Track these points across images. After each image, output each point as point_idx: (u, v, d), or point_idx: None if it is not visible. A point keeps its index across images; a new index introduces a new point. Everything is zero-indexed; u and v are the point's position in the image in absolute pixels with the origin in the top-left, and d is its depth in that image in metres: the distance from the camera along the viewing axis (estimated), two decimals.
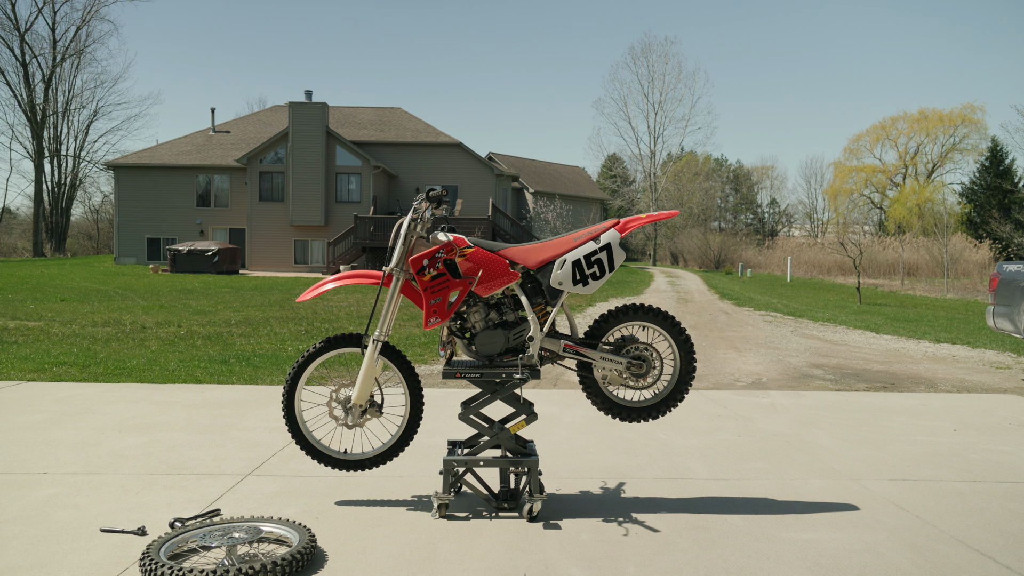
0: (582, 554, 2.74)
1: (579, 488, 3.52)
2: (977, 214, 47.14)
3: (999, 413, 5.52)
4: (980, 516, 3.22)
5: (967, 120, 52.48)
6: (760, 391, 6.36)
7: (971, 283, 28.72)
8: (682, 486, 3.58)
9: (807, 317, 14.41)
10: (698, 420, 5.05)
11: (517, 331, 3.23)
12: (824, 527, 3.05)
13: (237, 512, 3.08)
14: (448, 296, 3.10)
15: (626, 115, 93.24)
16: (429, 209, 3.23)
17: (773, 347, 9.70)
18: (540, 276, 3.22)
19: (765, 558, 2.73)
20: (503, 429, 3.24)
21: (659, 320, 3.30)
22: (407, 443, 3.33)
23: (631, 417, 3.35)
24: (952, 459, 4.16)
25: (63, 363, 7.01)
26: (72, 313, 11.75)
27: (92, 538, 2.78)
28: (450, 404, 5.17)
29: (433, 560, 2.66)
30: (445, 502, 3.12)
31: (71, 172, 48.45)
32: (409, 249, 3.19)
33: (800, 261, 40.28)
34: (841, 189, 57.35)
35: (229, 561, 2.47)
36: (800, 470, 3.89)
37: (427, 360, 7.80)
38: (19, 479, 3.46)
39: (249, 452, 3.99)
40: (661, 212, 3.32)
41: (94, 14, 47.38)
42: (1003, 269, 7.56)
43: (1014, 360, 8.74)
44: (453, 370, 3.24)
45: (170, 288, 18.88)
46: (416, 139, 35.52)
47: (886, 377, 7.39)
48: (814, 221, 68.45)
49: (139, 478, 3.50)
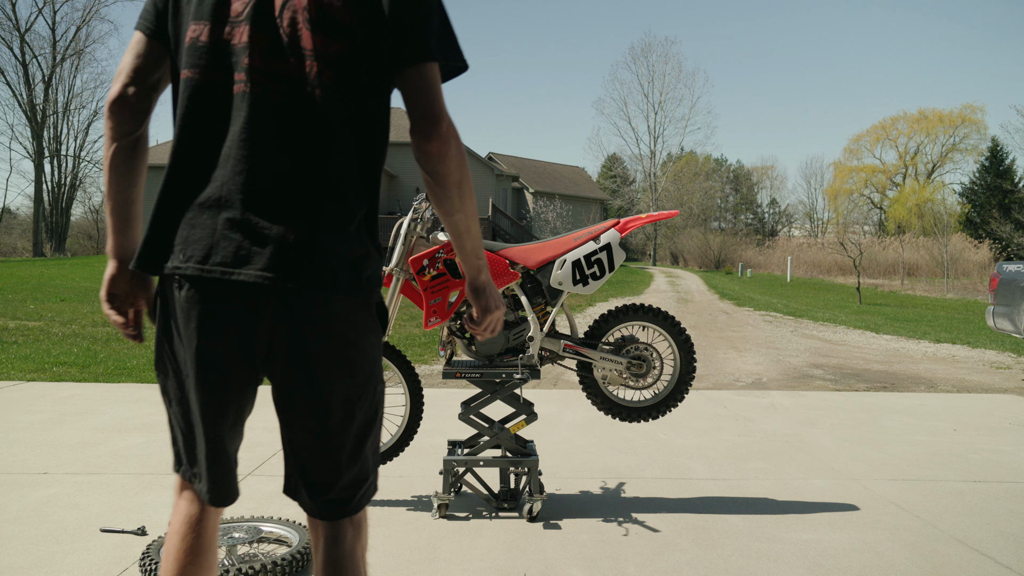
0: (582, 554, 2.74)
1: (579, 488, 3.52)
2: (977, 214, 47.14)
3: (999, 413, 5.52)
4: (980, 516, 3.22)
5: (967, 120, 52.51)
6: (760, 391, 6.36)
7: (971, 283, 28.71)
8: (682, 486, 3.58)
9: (807, 317, 14.41)
10: (698, 420, 5.05)
11: (517, 331, 3.23)
12: (824, 527, 3.05)
13: (237, 512, 3.08)
14: (448, 296, 3.10)
15: (626, 115, 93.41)
16: (429, 209, 3.23)
17: (773, 347, 9.70)
18: (540, 276, 3.22)
19: (765, 558, 2.73)
20: (503, 429, 3.24)
21: (659, 320, 3.30)
22: (407, 443, 3.33)
23: (631, 417, 3.35)
24: (952, 459, 4.16)
25: (63, 363, 7.01)
26: (72, 313, 11.75)
27: (92, 538, 2.78)
28: (450, 404, 5.17)
29: (433, 560, 2.66)
30: (445, 502, 3.12)
31: (71, 172, 48.42)
32: (409, 249, 3.19)
33: (800, 261, 40.28)
34: (841, 189, 57.37)
35: (229, 561, 2.48)
36: (800, 470, 3.89)
37: (427, 360, 7.80)
38: (19, 479, 3.46)
39: (249, 452, 3.99)
40: (661, 212, 3.32)
41: (94, 14, 47.45)
42: (1003, 269, 7.56)
43: (1014, 360, 8.74)
44: (453, 370, 3.24)
45: None
46: None
47: (886, 377, 7.38)
48: (814, 221, 68.48)
49: (139, 478, 3.50)
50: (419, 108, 1.31)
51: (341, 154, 1.27)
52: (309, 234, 1.23)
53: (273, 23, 1.25)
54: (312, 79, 1.24)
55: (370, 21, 1.26)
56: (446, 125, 1.31)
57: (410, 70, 1.30)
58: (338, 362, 1.30)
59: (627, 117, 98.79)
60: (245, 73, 1.24)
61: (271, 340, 1.27)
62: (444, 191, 1.35)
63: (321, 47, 1.24)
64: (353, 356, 1.32)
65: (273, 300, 1.23)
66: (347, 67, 1.26)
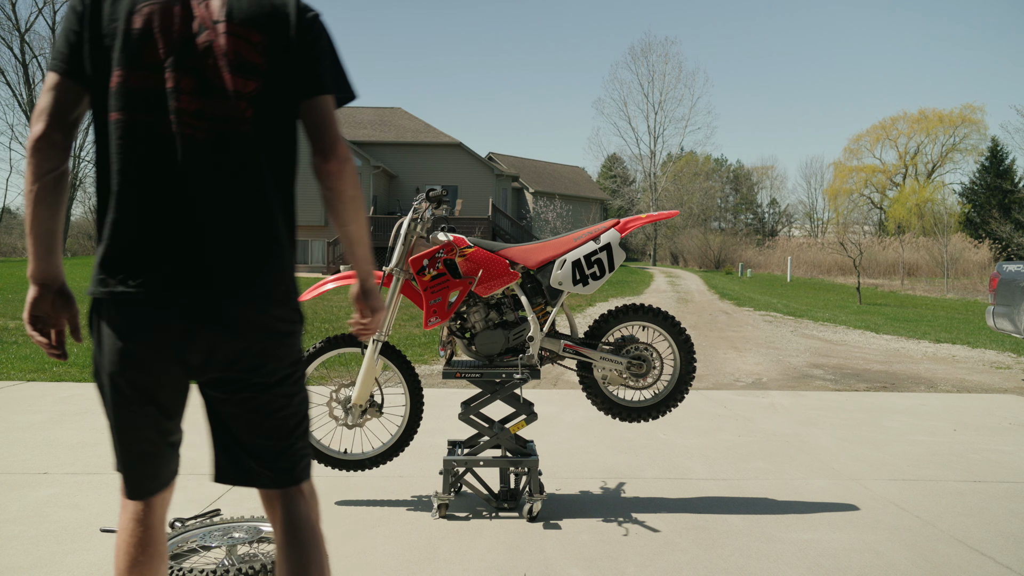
0: (582, 554, 2.74)
1: (579, 488, 3.52)
2: (977, 214, 47.13)
3: (999, 413, 5.52)
4: (980, 516, 3.22)
5: (967, 120, 52.48)
6: (760, 391, 6.36)
7: (971, 283, 28.71)
8: (682, 486, 3.58)
9: (807, 317, 14.41)
10: (698, 420, 5.05)
11: (517, 331, 3.23)
12: (824, 527, 3.05)
13: (237, 512, 3.08)
14: (448, 296, 3.10)
15: (626, 115, 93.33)
16: (429, 209, 3.23)
17: (773, 347, 9.70)
18: (540, 276, 3.22)
19: (765, 558, 2.73)
20: (503, 429, 3.24)
21: (659, 320, 3.30)
22: (407, 443, 3.33)
23: (631, 417, 3.35)
24: (952, 459, 4.16)
25: (63, 363, 7.01)
26: None
27: (92, 538, 2.78)
28: (450, 404, 5.17)
29: (433, 560, 2.66)
30: (445, 502, 3.12)
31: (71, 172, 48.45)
32: (409, 249, 3.19)
33: (800, 261, 40.28)
34: (841, 189, 57.35)
35: (229, 561, 2.48)
36: (800, 470, 3.89)
37: (427, 360, 7.80)
38: (19, 479, 3.46)
39: None
40: (661, 212, 3.32)
41: None
42: (1003, 269, 7.56)
43: (1014, 360, 8.74)
44: (453, 370, 3.24)
45: None
46: (416, 139, 35.52)
47: (886, 377, 7.38)
48: (814, 221, 68.47)
49: None
50: (318, 134, 1.52)
51: (264, 177, 1.47)
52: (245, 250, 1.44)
53: (196, 67, 1.41)
54: (235, 116, 1.43)
55: (277, 62, 1.47)
56: (342, 148, 1.53)
57: (309, 102, 1.52)
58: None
59: (627, 117, 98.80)
60: (175, 114, 1.40)
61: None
62: (341, 205, 1.56)
63: (240, 87, 1.43)
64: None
65: (214, 312, 1.43)
66: (262, 103, 1.46)
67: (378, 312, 1.80)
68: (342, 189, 1.54)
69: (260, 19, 1.46)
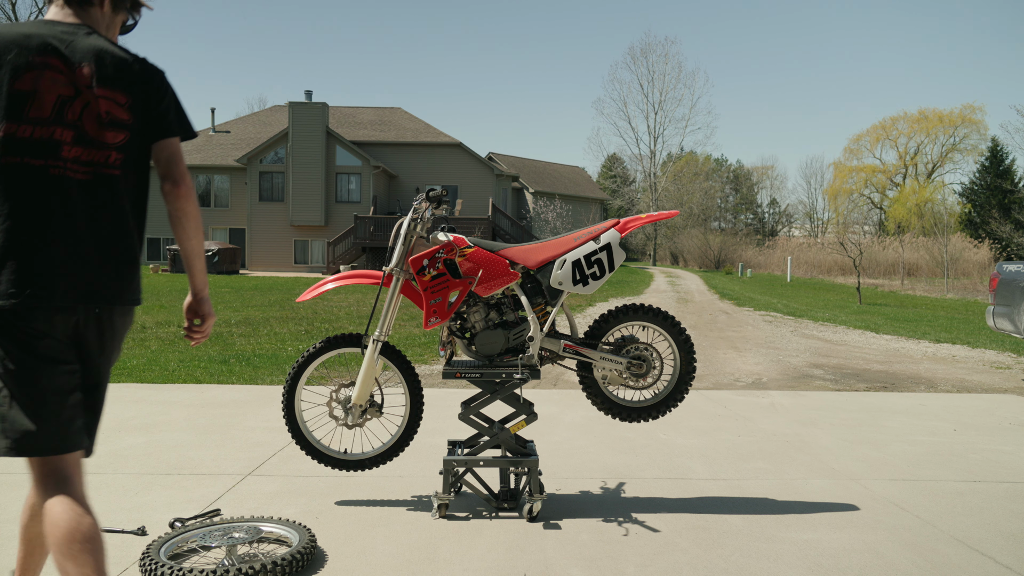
0: (582, 554, 2.74)
1: (579, 488, 3.52)
2: (977, 214, 47.13)
3: (999, 413, 5.52)
4: (980, 516, 3.22)
5: (967, 120, 52.49)
6: (760, 391, 6.36)
7: (971, 283, 28.72)
8: (682, 486, 3.58)
9: (807, 317, 14.41)
10: (698, 420, 5.06)
11: (517, 331, 3.23)
12: (824, 527, 3.05)
13: (237, 512, 3.08)
14: (448, 296, 3.10)
15: (626, 115, 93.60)
16: (429, 209, 3.23)
17: (773, 347, 9.70)
18: (540, 276, 3.22)
19: (765, 558, 2.73)
20: (503, 429, 3.24)
21: (659, 320, 3.30)
22: (407, 443, 3.33)
23: (631, 417, 3.35)
24: (952, 459, 4.16)
25: None
26: None
27: None
28: (450, 404, 5.17)
29: (433, 560, 2.66)
30: (445, 502, 3.12)
31: None
32: (409, 249, 3.19)
33: (800, 261, 40.30)
34: (841, 189, 57.34)
35: (229, 561, 2.48)
36: (800, 470, 3.89)
37: (427, 360, 7.80)
38: (19, 479, 3.46)
39: (249, 452, 3.99)
40: (661, 212, 3.32)
41: None
42: (1003, 269, 7.56)
43: (1014, 360, 8.74)
44: (453, 370, 3.24)
45: (170, 288, 18.88)
46: (416, 139, 35.52)
47: (886, 377, 7.39)
48: (814, 221, 68.48)
49: (139, 478, 3.50)
50: (170, 167, 1.91)
51: (129, 211, 1.86)
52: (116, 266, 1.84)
53: (76, 123, 1.76)
54: (109, 162, 1.81)
55: (138, 116, 1.86)
56: (188, 177, 1.93)
57: (162, 143, 1.91)
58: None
59: (627, 117, 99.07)
60: (61, 160, 1.75)
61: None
62: (188, 221, 1.93)
63: (112, 139, 1.81)
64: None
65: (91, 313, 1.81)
66: (128, 150, 1.85)
67: (210, 318, 2.10)
68: (188, 210, 1.92)
69: (123, 82, 1.82)
